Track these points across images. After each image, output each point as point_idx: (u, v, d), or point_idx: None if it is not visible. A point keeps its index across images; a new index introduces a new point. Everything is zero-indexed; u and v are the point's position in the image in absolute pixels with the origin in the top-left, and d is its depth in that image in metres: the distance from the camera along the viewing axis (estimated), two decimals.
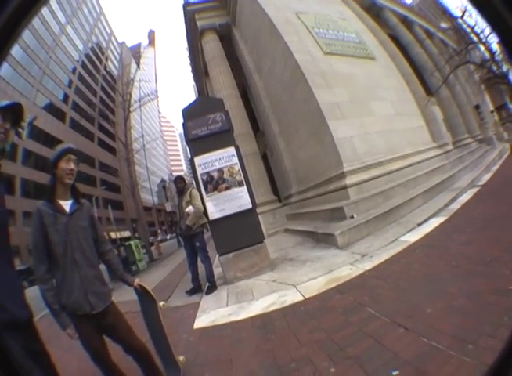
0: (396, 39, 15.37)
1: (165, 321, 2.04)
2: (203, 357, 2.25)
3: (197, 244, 4.41)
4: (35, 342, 1.26)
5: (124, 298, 3.29)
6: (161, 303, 2.02)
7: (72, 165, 1.61)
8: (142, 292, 1.90)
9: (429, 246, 3.35)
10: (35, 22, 33.10)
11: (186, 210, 4.40)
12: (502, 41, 0.52)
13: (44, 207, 1.54)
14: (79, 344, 1.53)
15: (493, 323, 1.55)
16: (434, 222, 4.28)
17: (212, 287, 4.27)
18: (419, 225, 4.36)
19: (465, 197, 5.50)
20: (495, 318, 1.60)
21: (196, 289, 4.46)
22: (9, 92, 26.80)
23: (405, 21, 19.25)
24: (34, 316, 1.27)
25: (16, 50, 29.84)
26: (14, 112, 1.28)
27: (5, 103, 1.25)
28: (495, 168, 8.96)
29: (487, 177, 7.36)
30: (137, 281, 1.87)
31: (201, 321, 3.08)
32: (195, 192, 4.60)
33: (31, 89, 31.69)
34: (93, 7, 54.34)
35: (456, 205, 5.06)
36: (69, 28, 42.19)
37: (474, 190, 5.98)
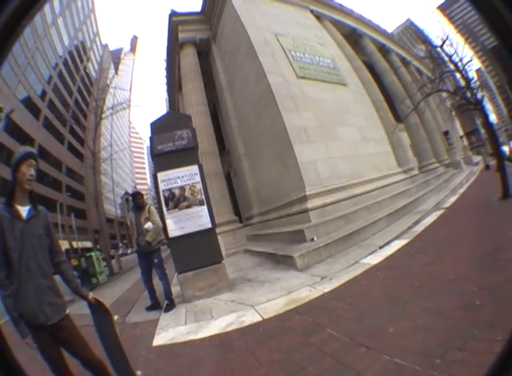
0: (371, 66, 16.25)
1: (124, 337, 2.06)
2: (162, 374, 2.25)
3: (155, 260, 4.38)
4: (2, 347, 1.20)
5: (81, 310, 3.22)
6: (115, 317, 1.99)
7: (32, 171, 1.58)
8: (97, 305, 1.87)
9: (391, 267, 3.43)
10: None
11: (146, 226, 4.37)
12: (503, 41, 0.53)
13: (2, 212, 1.51)
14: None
15: (461, 337, 1.58)
16: (397, 245, 4.40)
17: (171, 305, 4.24)
18: (380, 247, 4.48)
19: (429, 220, 5.70)
20: (464, 332, 1.63)
21: (155, 305, 4.42)
22: None
23: (383, 49, 20.40)
24: None
25: None
26: None
27: None
28: (462, 190, 9.37)
29: (452, 199, 7.66)
30: (91, 295, 1.84)
31: (160, 338, 3.06)
32: (153, 209, 4.61)
33: (14, 78, 30.18)
34: (86, 2, 53.30)
35: (419, 227, 5.23)
36: (60, 20, 40.99)
37: (439, 213, 6.17)
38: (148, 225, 4.39)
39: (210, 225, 4.64)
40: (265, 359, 2.03)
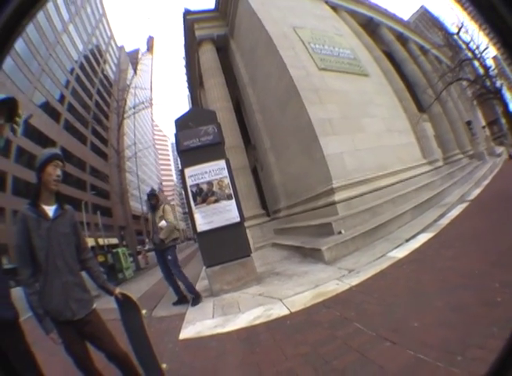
0: (391, 56, 15.73)
1: (150, 331, 2.05)
2: (187, 368, 2.25)
3: (169, 257, 4.42)
4: (20, 343, 1.25)
5: (108, 305, 3.32)
6: (144, 311, 2.01)
7: (59, 171, 1.62)
8: (124, 300, 1.89)
9: (416, 261, 3.38)
10: (40, 16, 32.96)
11: (160, 224, 4.48)
12: (503, 41, 0.53)
13: (28, 212, 1.54)
14: (63, 348, 1.54)
15: (482, 335, 1.57)
16: (422, 238, 4.30)
17: (197, 299, 4.27)
18: (407, 241, 4.38)
19: (454, 213, 5.54)
20: (484, 329, 1.61)
21: (181, 300, 4.47)
22: (8, 86, 26.37)
23: (401, 38, 19.75)
24: (20, 316, 1.25)
25: (19, 42, 29.68)
26: (8, 107, 1.26)
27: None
28: (486, 182, 9.05)
29: (477, 192, 7.44)
30: (118, 290, 1.86)
31: (187, 332, 3.08)
32: (167, 207, 4.72)
33: (29, 85, 31.27)
34: (96, 7, 54.31)
35: (444, 221, 5.10)
36: (71, 27, 42.03)
37: (464, 205, 6.02)
38: (162, 223, 4.48)
39: (238, 219, 4.63)
40: (291, 352, 2.03)
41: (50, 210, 1.60)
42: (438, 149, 13.13)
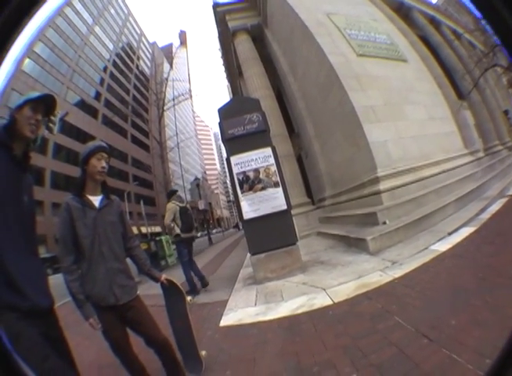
0: (426, 40, 14.66)
1: (191, 317, 2.04)
2: (226, 355, 2.23)
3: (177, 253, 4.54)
4: (54, 329, 1.26)
5: (150, 291, 3.36)
6: (188, 298, 2.01)
7: (104, 163, 1.62)
8: (170, 286, 1.89)
9: (458, 256, 3.25)
10: (59, 22, 34.16)
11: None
12: (503, 41, 0.52)
13: (72, 202, 1.55)
14: (99, 332, 1.53)
15: None
16: (465, 232, 4.10)
17: (191, 291, 4.45)
18: (449, 234, 4.15)
19: (494, 207, 5.24)
20: None
21: (191, 291, 4.53)
22: (38, 88, 27.46)
23: (433, 21, 18.41)
24: (55, 303, 1.27)
25: (41, 49, 30.89)
26: (46, 104, 1.27)
27: (36, 94, 1.24)
28: None
29: None
30: (164, 276, 1.87)
31: (228, 319, 3.08)
32: (167, 206, 4.85)
33: (61, 86, 32.66)
34: (120, 8, 55.03)
35: (485, 215, 4.83)
36: (97, 28, 43.09)
37: (504, 200, 5.66)
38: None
39: (285, 207, 4.52)
40: (331, 343, 2.01)
41: (96, 200, 1.62)
42: (479, 139, 12.15)
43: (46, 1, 0.65)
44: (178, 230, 4.74)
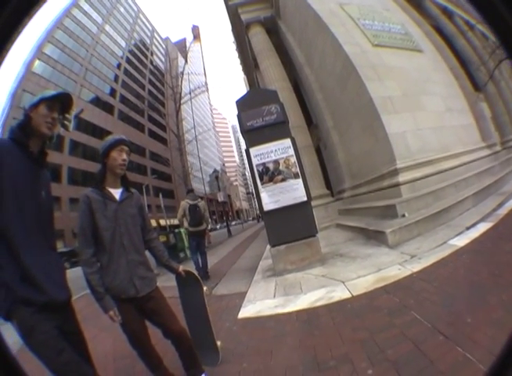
0: (439, 30, 14.09)
1: (209, 309, 2.00)
2: (243, 347, 2.20)
3: None
4: (71, 322, 1.26)
5: (169, 283, 3.36)
6: (205, 288, 1.97)
7: (124, 156, 1.60)
8: (188, 277, 1.88)
9: (476, 252, 3.16)
10: (68, 23, 34.29)
11: None
12: (503, 41, 0.51)
13: (92, 194, 1.53)
14: (116, 324, 1.50)
15: None
16: (482, 227, 3.95)
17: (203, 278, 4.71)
18: (467, 229, 4.01)
19: (511, 203, 4.98)
20: None
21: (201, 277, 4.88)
22: (51, 88, 28.06)
23: (446, 11, 17.71)
24: (72, 296, 1.26)
25: (51, 50, 31.07)
26: (62, 102, 1.27)
27: (51, 93, 1.24)
28: None
29: None
30: (182, 267, 1.85)
31: (246, 311, 3.03)
32: (181, 203, 5.46)
33: (75, 85, 32.95)
34: (129, 6, 54.89)
35: (503, 211, 4.63)
36: (107, 27, 43.11)
37: None
38: None
39: (305, 198, 4.42)
40: (348, 337, 1.99)
41: (116, 193, 1.60)
42: (495, 132, 11.70)
43: (46, 1, 0.64)
44: (186, 224, 5.28)
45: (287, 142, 4.59)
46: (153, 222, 31.95)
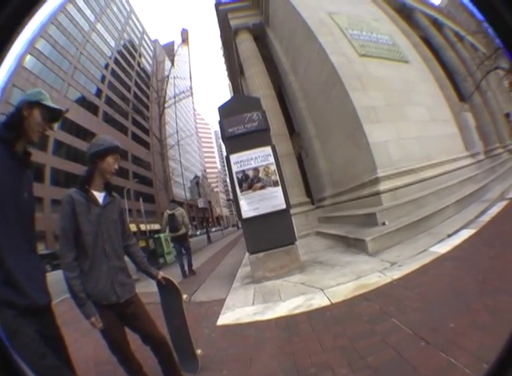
0: (428, 42, 14.66)
1: (188, 316, 2.05)
2: (223, 354, 2.23)
3: None
4: (51, 327, 1.26)
5: (147, 289, 3.35)
6: (184, 296, 1.99)
7: (117, 165, 1.63)
8: (166, 284, 1.88)
9: (458, 258, 3.23)
10: (62, 19, 34.15)
11: None
12: (503, 41, 0.52)
13: (76, 196, 1.50)
14: (97, 330, 1.50)
15: None
16: (465, 234, 4.07)
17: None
18: (449, 236, 4.14)
19: (495, 210, 5.22)
20: None
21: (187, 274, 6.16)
22: (39, 85, 27.26)
23: (436, 23, 18.44)
24: (52, 300, 1.26)
25: (43, 45, 30.84)
26: (55, 115, 1.30)
27: (51, 104, 1.26)
28: None
29: None
30: (161, 274, 1.86)
31: (225, 318, 3.06)
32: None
33: (62, 83, 32.60)
34: (122, 5, 54.90)
35: (486, 218, 4.80)
36: (99, 26, 42.95)
37: (504, 203, 5.62)
38: None
39: (284, 206, 4.50)
40: (328, 344, 2.00)
41: (99, 196, 1.60)
42: (480, 141, 12.15)
43: (47, 1, 0.65)
44: (168, 231, 6.38)
45: (268, 149, 4.68)
46: (134, 227, 31.68)
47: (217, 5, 13.47)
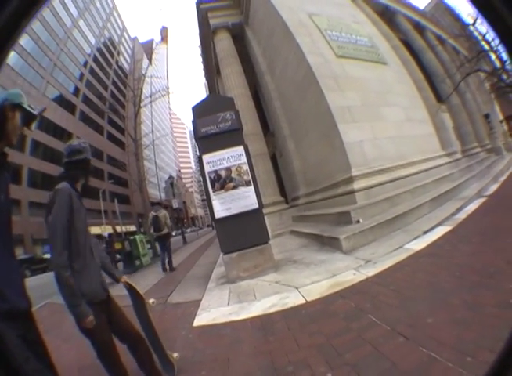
0: (408, 44, 15.18)
1: (164, 317, 2.08)
2: (200, 355, 2.24)
3: None
4: (32, 332, 1.24)
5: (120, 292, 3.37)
6: (151, 300, 2.00)
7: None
8: (129, 290, 1.90)
9: (434, 255, 3.28)
10: (46, 14, 33.29)
11: None
12: (503, 41, 0.52)
13: (72, 191, 1.47)
14: (78, 335, 1.48)
15: (493, 337, 1.47)
16: (440, 231, 4.19)
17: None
18: (424, 233, 4.26)
19: (471, 207, 5.40)
20: (496, 332, 1.54)
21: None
22: (19, 83, 26.67)
23: (418, 27, 19.09)
24: (32, 305, 1.25)
25: (26, 41, 29.96)
26: (33, 119, 1.30)
27: (31, 109, 1.26)
28: (503, 178, 8.78)
29: (494, 187, 7.22)
30: (124, 278, 1.86)
31: (201, 319, 3.08)
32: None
33: (41, 81, 31.78)
34: (106, 1, 54.31)
35: (462, 215, 4.96)
36: (81, 22, 42.20)
37: (481, 200, 5.86)
38: None
39: (257, 206, 4.57)
40: (304, 342, 2.02)
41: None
42: (457, 141, 12.66)
43: (46, 2, 0.65)
44: (152, 231, 6.94)
45: (240, 149, 4.74)
46: (110, 229, 31.17)
47: (198, 4, 13.48)
